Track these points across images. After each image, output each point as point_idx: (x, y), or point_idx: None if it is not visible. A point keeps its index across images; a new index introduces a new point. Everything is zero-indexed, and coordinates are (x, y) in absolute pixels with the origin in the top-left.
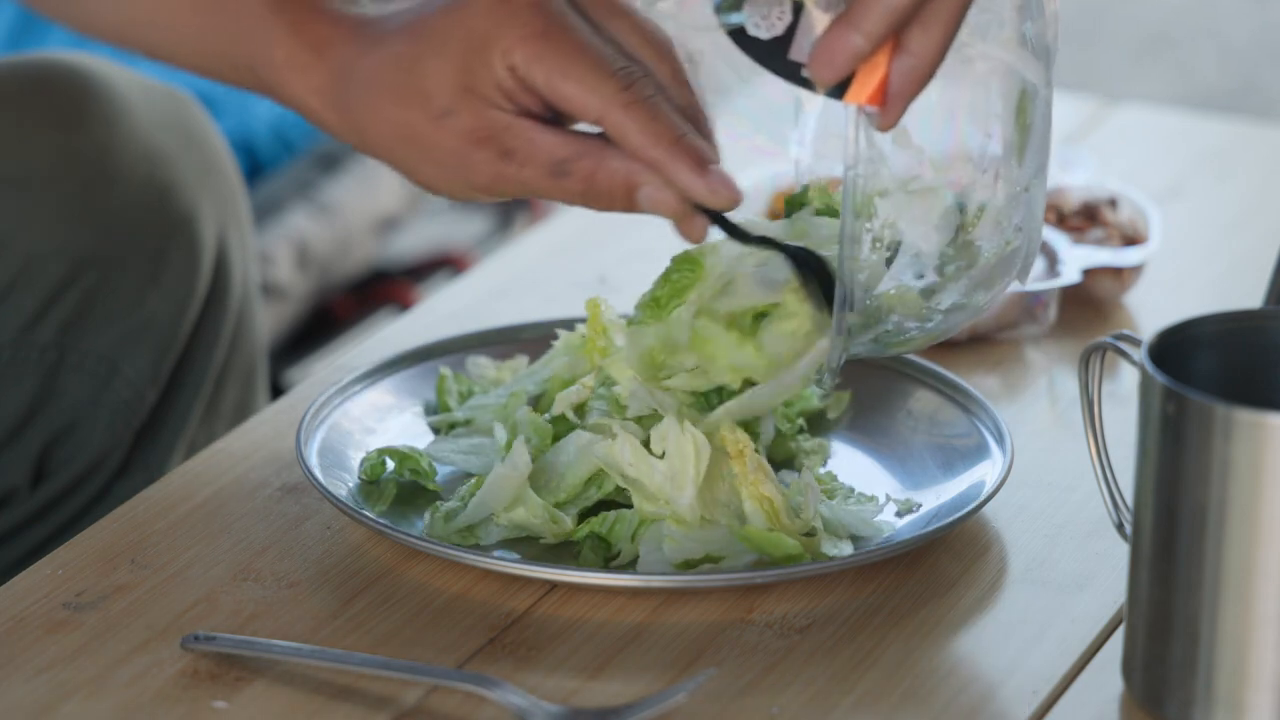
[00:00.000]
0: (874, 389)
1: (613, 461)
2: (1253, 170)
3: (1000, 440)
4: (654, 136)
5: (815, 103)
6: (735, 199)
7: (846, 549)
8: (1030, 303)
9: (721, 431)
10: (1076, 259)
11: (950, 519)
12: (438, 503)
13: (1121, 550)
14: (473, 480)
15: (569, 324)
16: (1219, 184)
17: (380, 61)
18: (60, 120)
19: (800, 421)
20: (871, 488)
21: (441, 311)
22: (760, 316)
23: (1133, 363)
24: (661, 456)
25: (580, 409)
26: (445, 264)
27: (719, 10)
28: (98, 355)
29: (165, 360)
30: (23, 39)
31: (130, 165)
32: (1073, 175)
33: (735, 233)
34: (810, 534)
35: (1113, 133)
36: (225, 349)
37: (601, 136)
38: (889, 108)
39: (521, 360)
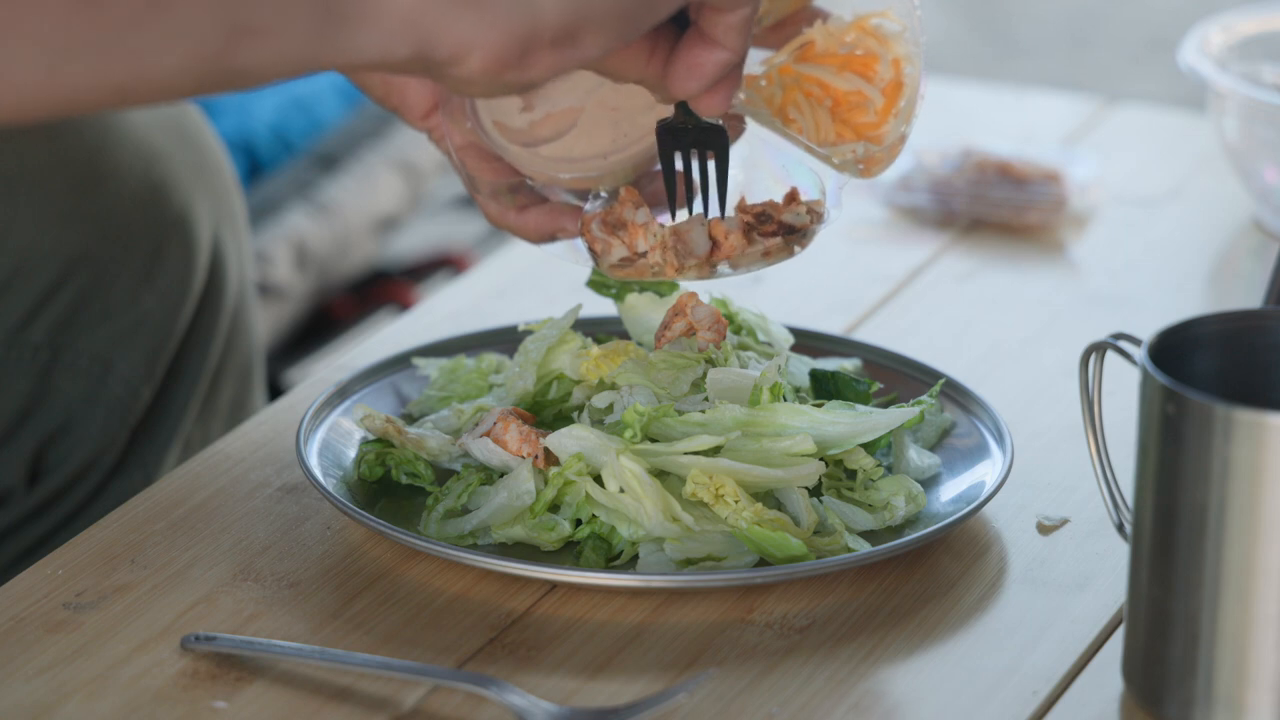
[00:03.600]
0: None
1: (594, 497)
2: None
3: (1000, 440)
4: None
5: None
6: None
7: (863, 546)
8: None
9: (691, 487)
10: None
11: (950, 519)
12: (432, 500)
13: (1121, 550)
14: (471, 480)
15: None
16: (1219, 184)
17: None
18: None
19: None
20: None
21: (441, 311)
22: None
23: (1133, 363)
24: (621, 491)
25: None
26: (445, 264)
27: None
28: (92, 354)
29: (160, 358)
30: None
31: (124, 164)
32: (1073, 173)
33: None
34: (819, 533)
35: (1113, 133)
36: (221, 347)
37: None
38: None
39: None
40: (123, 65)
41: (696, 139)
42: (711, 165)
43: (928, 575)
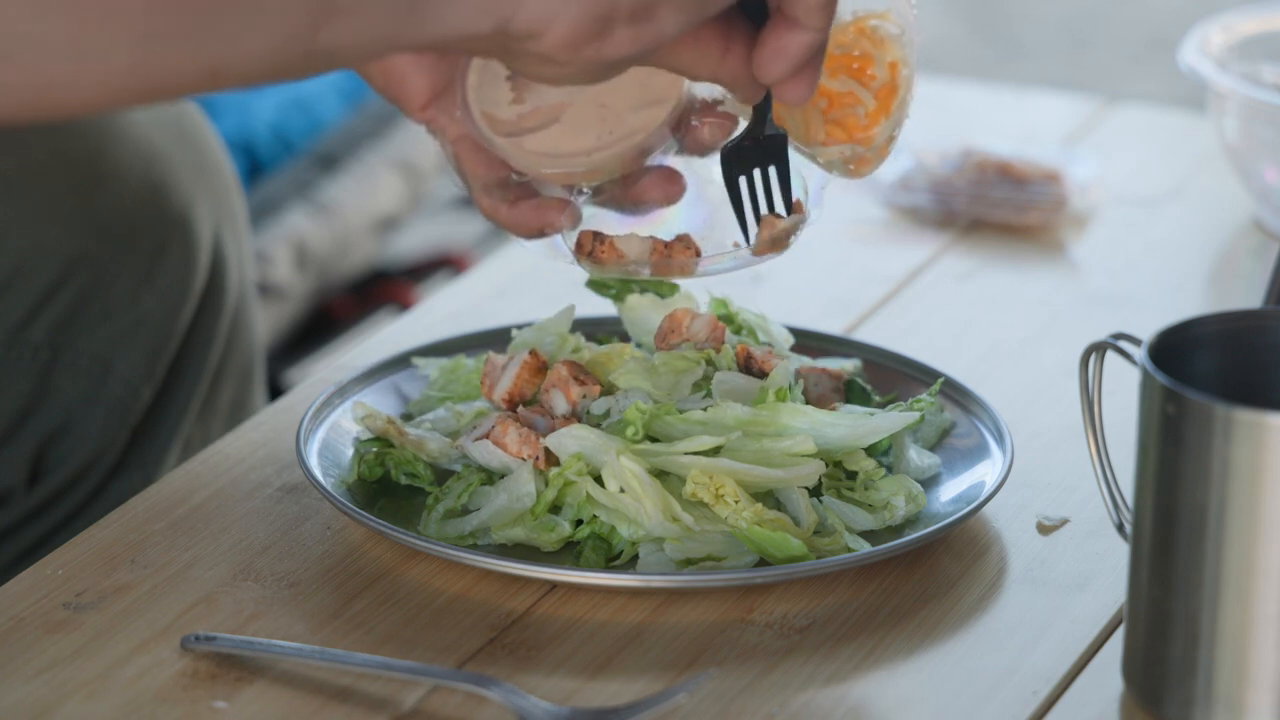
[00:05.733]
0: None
1: (594, 497)
2: None
3: (1000, 440)
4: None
5: None
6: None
7: (863, 546)
8: None
9: (691, 487)
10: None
11: (950, 519)
12: (432, 500)
13: (1121, 550)
14: (472, 479)
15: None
16: (1219, 184)
17: None
18: None
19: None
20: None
21: (441, 311)
22: None
23: (1133, 363)
24: (621, 491)
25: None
26: (445, 264)
27: None
28: (92, 354)
29: (160, 359)
30: None
31: (125, 164)
32: (1074, 173)
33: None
34: (819, 533)
35: (1113, 133)
36: (221, 347)
37: None
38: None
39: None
40: (212, 48)
41: (759, 156)
42: (773, 172)
43: (928, 575)
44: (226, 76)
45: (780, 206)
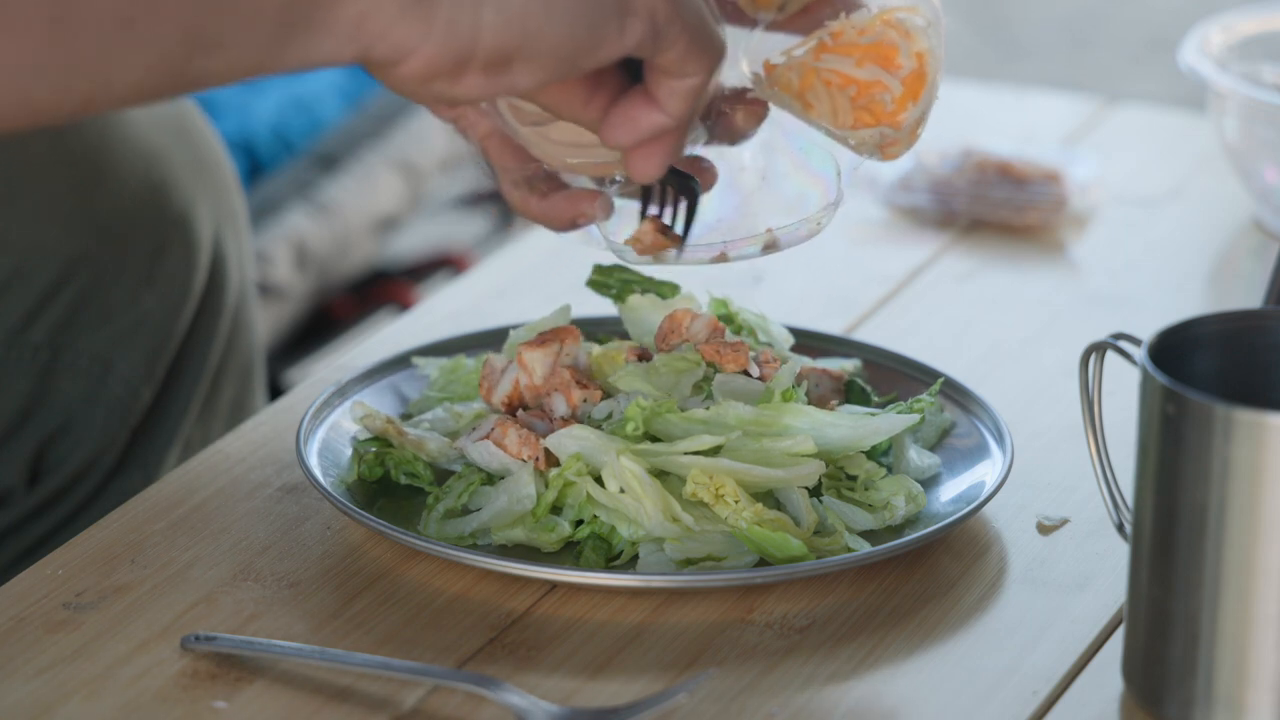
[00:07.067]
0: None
1: (594, 496)
2: None
3: (1000, 440)
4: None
5: None
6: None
7: (863, 546)
8: None
9: (691, 487)
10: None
11: (950, 519)
12: (432, 499)
13: (1121, 550)
14: (472, 479)
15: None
16: (1219, 184)
17: None
18: None
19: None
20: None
21: (441, 311)
22: None
23: (1133, 363)
24: (621, 491)
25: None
26: (445, 264)
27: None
28: (92, 354)
29: (160, 359)
30: None
31: (125, 164)
32: (1074, 174)
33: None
34: (819, 533)
35: (1113, 133)
36: (221, 348)
37: None
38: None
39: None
40: (88, 82)
41: (669, 178)
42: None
43: (928, 575)
44: (98, 106)
45: (679, 228)
